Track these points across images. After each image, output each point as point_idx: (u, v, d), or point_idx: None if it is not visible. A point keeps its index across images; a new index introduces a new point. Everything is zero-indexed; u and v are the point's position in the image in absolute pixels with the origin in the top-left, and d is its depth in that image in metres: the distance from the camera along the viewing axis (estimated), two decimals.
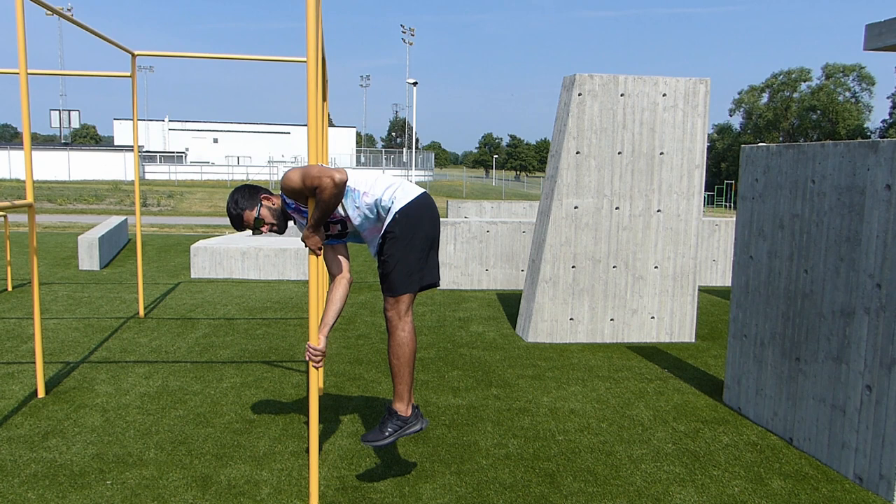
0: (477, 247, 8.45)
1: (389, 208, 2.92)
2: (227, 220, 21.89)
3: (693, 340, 5.97)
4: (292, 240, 10.13)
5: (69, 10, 48.94)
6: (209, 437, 3.63)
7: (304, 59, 2.89)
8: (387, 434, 2.94)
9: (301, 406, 4.14)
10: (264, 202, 3.06)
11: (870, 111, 57.53)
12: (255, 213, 3.02)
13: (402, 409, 2.96)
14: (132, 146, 7.26)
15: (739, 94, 62.47)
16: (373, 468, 3.32)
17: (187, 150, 61.77)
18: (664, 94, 5.65)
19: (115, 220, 12.37)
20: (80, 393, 4.29)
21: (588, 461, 3.45)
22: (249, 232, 2.82)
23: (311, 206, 2.85)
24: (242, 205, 3.03)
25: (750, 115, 60.85)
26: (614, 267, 5.79)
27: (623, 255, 5.78)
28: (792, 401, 3.72)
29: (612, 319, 5.87)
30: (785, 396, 3.78)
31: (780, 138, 57.27)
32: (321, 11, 2.89)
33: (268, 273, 9.02)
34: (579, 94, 5.56)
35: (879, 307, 3.12)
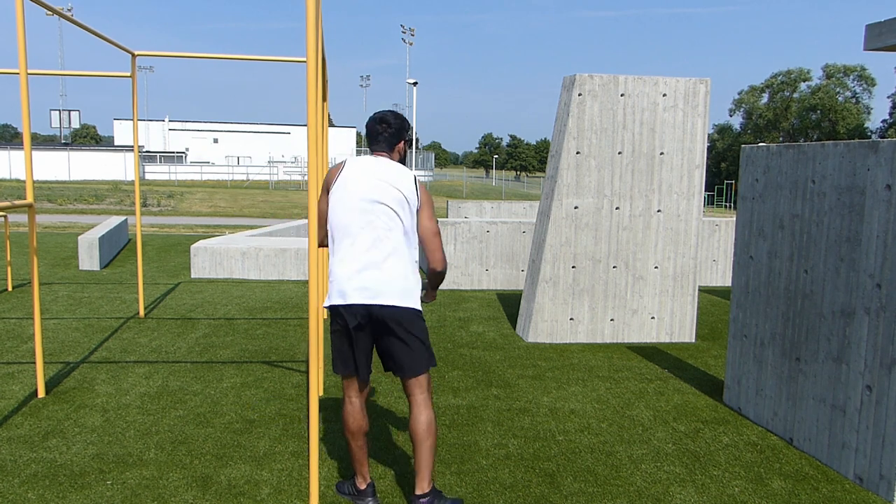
0: (477, 247, 8.45)
1: None
2: (227, 220, 21.92)
3: (693, 340, 5.97)
4: (292, 240, 10.12)
5: (69, 10, 48.97)
6: (209, 437, 3.63)
7: (304, 59, 2.89)
8: (344, 492, 3.02)
9: (301, 406, 4.14)
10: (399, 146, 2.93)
11: (869, 112, 57.57)
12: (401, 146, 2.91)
13: (358, 480, 2.95)
14: (132, 146, 7.24)
15: (740, 94, 62.51)
16: (373, 468, 3.31)
17: (187, 150, 61.78)
18: (664, 95, 5.65)
19: (115, 221, 12.36)
20: (81, 393, 4.29)
21: (588, 461, 3.45)
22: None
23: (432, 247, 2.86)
24: (399, 127, 2.88)
25: (750, 115, 60.87)
26: (614, 267, 5.79)
27: (623, 255, 5.78)
28: (792, 401, 3.72)
29: (612, 319, 5.87)
30: (785, 396, 3.78)
31: (780, 138, 57.31)
32: (321, 11, 2.89)
33: (268, 273, 9.02)
34: (579, 95, 5.56)
35: (879, 307, 3.12)
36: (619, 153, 5.66)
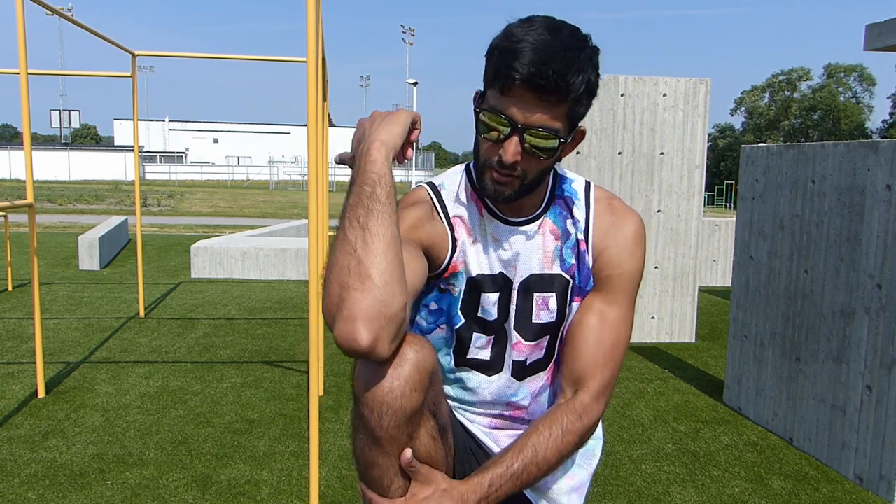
0: None
1: None
2: (227, 220, 21.85)
3: (693, 340, 5.97)
4: (292, 240, 10.13)
5: (69, 10, 49.00)
6: (209, 437, 3.63)
7: (304, 59, 2.89)
8: None
9: (301, 406, 4.14)
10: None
11: (870, 111, 57.64)
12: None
13: None
14: (132, 146, 7.26)
15: (742, 94, 62.61)
16: None
17: (187, 150, 61.81)
18: (664, 95, 5.65)
19: (115, 220, 12.37)
20: (81, 393, 4.29)
21: None
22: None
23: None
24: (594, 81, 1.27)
25: (751, 115, 60.93)
26: None
27: None
28: (792, 401, 3.72)
29: None
30: (785, 396, 3.78)
31: (781, 138, 57.36)
32: (321, 12, 2.89)
33: (268, 273, 9.02)
34: None
35: (879, 307, 3.12)
36: (620, 153, 5.66)
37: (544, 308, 1.43)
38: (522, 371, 1.47)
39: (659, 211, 5.76)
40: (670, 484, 3.23)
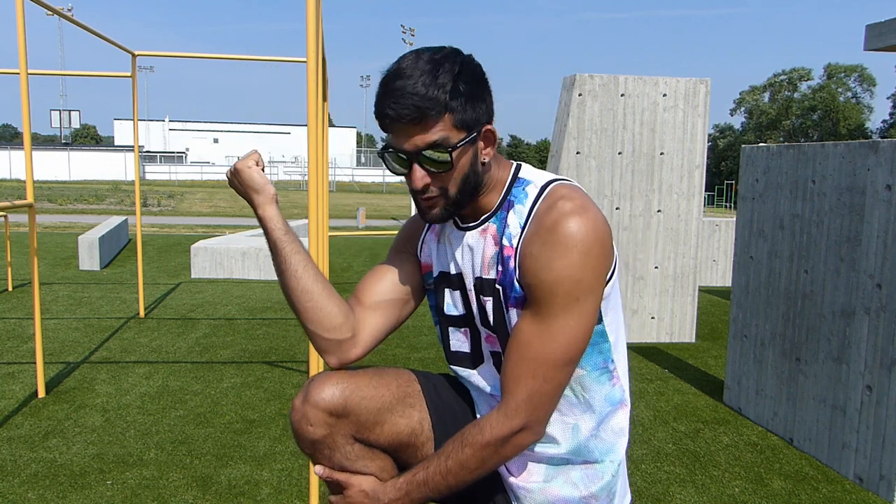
0: None
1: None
2: (227, 220, 21.82)
3: (693, 341, 5.97)
4: None
5: (69, 10, 49.00)
6: (209, 437, 3.63)
7: (304, 59, 2.89)
8: None
9: None
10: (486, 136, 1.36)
11: (870, 111, 57.65)
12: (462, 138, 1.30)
13: None
14: (132, 146, 7.26)
15: (742, 94, 62.63)
16: None
17: (187, 150, 61.80)
18: (664, 95, 5.65)
19: (115, 221, 12.37)
20: (81, 393, 4.29)
21: None
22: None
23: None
24: (456, 99, 1.27)
25: (751, 115, 60.94)
26: None
27: (623, 255, 5.78)
28: (792, 401, 3.72)
29: None
30: (785, 397, 3.78)
31: (781, 138, 57.36)
32: (321, 12, 2.89)
33: (268, 273, 9.02)
34: (579, 95, 5.56)
35: (880, 307, 3.12)
36: (619, 153, 5.66)
37: (487, 312, 1.44)
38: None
39: (659, 211, 5.76)
40: (670, 484, 3.23)
